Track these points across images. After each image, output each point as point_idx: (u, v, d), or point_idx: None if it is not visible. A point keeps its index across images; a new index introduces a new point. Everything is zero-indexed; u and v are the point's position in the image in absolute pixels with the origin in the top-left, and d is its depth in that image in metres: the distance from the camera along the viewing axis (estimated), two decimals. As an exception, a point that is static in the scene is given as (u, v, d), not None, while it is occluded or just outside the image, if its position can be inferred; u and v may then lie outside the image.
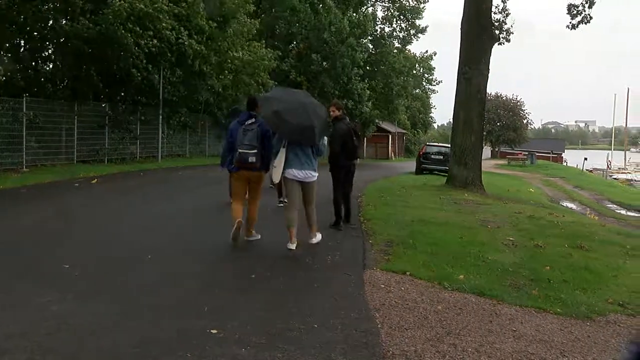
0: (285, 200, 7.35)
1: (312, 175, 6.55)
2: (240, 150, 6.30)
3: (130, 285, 4.89)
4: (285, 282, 5.25)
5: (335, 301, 4.66)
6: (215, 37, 20.51)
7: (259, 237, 6.93)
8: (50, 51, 18.54)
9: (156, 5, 16.95)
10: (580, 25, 16.91)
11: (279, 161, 6.43)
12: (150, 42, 16.96)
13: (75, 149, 16.93)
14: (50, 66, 18.80)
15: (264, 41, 26.16)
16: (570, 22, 17.01)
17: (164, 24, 17.23)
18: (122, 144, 19.06)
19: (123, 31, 16.11)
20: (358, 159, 8.44)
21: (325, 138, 7.43)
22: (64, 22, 16.92)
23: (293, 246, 6.45)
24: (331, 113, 7.64)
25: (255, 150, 6.29)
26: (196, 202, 10.76)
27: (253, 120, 6.39)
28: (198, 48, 19.04)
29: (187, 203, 10.61)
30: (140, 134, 19.80)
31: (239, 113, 7.66)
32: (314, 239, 6.81)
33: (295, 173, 6.45)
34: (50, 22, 16.97)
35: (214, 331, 3.79)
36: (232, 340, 3.65)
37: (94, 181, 12.96)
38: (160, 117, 20.27)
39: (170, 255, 6.12)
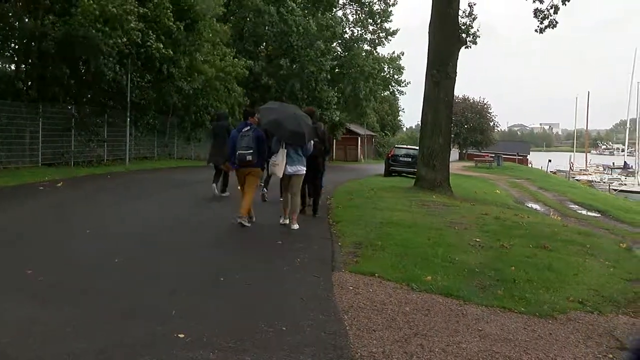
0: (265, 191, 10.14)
1: (301, 169, 8.28)
2: (239, 152, 7.97)
3: (95, 289, 4.81)
4: (254, 284, 5.24)
5: (304, 303, 4.67)
6: (183, 41, 20.31)
7: (248, 224, 8.15)
8: (11, 52, 18.06)
9: (125, 7, 16.69)
10: (546, 30, 17.40)
11: (282, 159, 8.02)
12: (120, 41, 16.68)
13: (40, 151, 16.51)
14: (13, 67, 18.32)
15: (234, 49, 26.07)
16: (539, 27, 17.42)
17: (132, 25, 16.99)
18: (89, 147, 18.68)
19: (94, 31, 15.83)
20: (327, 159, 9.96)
21: (312, 142, 8.48)
22: (27, 21, 16.53)
23: (286, 221, 8.28)
24: None
25: (251, 151, 7.93)
26: (164, 205, 10.66)
27: (248, 127, 8.05)
28: (166, 52, 18.85)
29: (154, 205, 10.49)
30: (108, 136, 19.45)
31: (222, 116, 11.10)
32: (293, 226, 8.19)
33: (288, 169, 8.12)
34: (13, 21, 16.56)
35: (181, 335, 3.76)
36: (199, 344, 3.63)
37: (59, 184, 12.67)
38: (128, 119, 19.96)
39: (138, 258, 6.05)
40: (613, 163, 57.78)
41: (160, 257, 6.24)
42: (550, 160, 54.38)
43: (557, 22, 17.23)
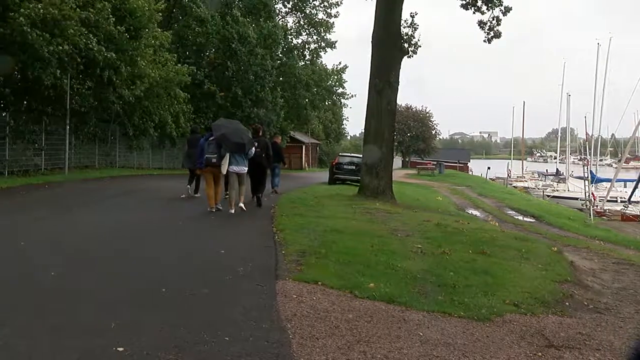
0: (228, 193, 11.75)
1: (244, 169, 11.06)
2: (207, 155, 10.74)
3: (27, 305, 4.61)
4: (197, 294, 5.16)
5: (247, 313, 4.64)
6: (125, 47, 19.83)
7: (221, 208, 10.94)
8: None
9: (64, 12, 16.13)
10: (492, 40, 18.07)
11: (225, 161, 10.67)
12: (60, 48, 16.09)
13: (-29, 161, 15.69)
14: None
15: (175, 55, 25.72)
16: (486, 37, 18.03)
17: (71, 31, 16.43)
18: (25, 156, 17.88)
19: (35, 35, 15.19)
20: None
21: (253, 149, 11.24)
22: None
23: (232, 211, 10.69)
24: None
25: (216, 155, 10.66)
26: (104, 214, 10.36)
27: (213, 137, 10.74)
28: (108, 55, 18.33)
29: (94, 215, 10.17)
30: (46, 145, 18.67)
31: (196, 130, 15.18)
32: (232, 210, 10.74)
33: (234, 168, 10.86)
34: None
35: (120, 349, 3.66)
36: (139, 358, 3.55)
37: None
38: (68, 127, 19.24)
39: (76, 271, 5.85)
40: (546, 170, 60.33)
41: (100, 268, 6.05)
42: (489, 168, 56.31)
43: (500, 33, 17.91)
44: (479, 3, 17.57)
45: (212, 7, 30.00)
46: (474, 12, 17.79)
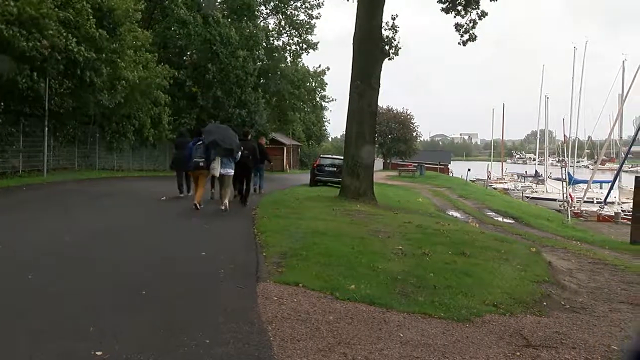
0: (213, 191, 13.44)
1: (231, 171, 11.70)
2: (195, 159, 11.53)
3: (6, 307, 4.53)
4: (177, 296, 5.14)
5: (228, 315, 4.63)
6: (105, 47, 19.61)
7: (203, 206, 11.57)
8: None
9: (43, 11, 15.88)
10: (467, 43, 18.36)
11: (217, 165, 11.41)
12: (39, 43, 15.82)
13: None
14: None
15: (156, 54, 25.53)
16: (461, 40, 18.30)
17: (50, 31, 16.18)
18: (3, 157, 17.55)
19: (11, 32, 14.92)
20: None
21: (240, 153, 11.86)
22: None
23: (222, 207, 11.38)
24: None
25: (203, 159, 11.44)
26: (83, 217, 10.23)
27: (200, 142, 11.58)
28: (89, 55, 18.11)
29: (73, 217, 10.04)
30: (24, 146, 18.33)
31: (185, 134, 15.36)
32: (222, 207, 11.40)
33: (222, 171, 11.51)
34: None
35: (99, 353, 3.62)
36: (119, 362, 3.51)
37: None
38: (47, 129, 18.94)
39: (54, 274, 5.77)
40: (525, 171, 61.09)
41: (79, 271, 5.98)
42: (469, 169, 56.67)
43: (476, 36, 18.21)
44: (459, 7, 17.82)
45: (208, 8, 29.88)
46: (454, 16, 18.04)
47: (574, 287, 6.67)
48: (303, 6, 36.64)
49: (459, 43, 18.43)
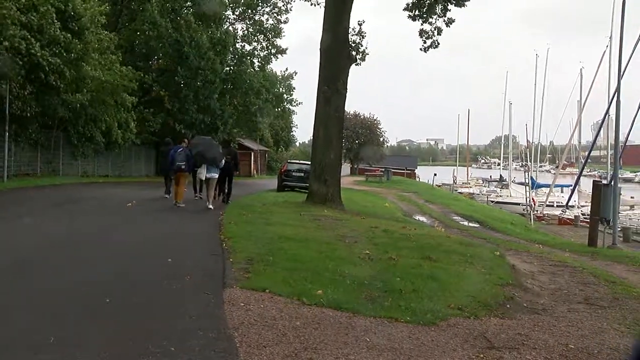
0: (200, 196, 15.58)
1: (215, 175, 13.69)
2: (177, 163, 13.29)
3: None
4: (142, 304, 5.06)
5: (194, 322, 4.58)
6: (70, 48, 19.21)
7: (184, 205, 13.42)
8: None
9: (3, 12, 15.46)
10: (429, 49, 18.67)
11: (203, 170, 13.49)
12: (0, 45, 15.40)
13: None
14: None
15: (120, 54, 25.13)
16: (424, 46, 18.59)
17: (10, 32, 15.76)
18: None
19: None
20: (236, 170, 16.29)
21: (223, 160, 13.99)
22: None
23: (210, 206, 13.40)
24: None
25: (185, 162, 13.29)
26: (45, 224, 9.98)
27: (181, 149, 13.66)
28: (52, 61, 17.69)
29: (34, 224, 9.77)
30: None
31: (170, 142, 16.10)
32: (209, 206, 13.39)
33: (207, 175, 13.50)
34: None
35: (60, 364, 3.53)
36: (80, 373, 3.43)
37: None
38: (7, 133, 18.41)
39: (12, 282, 5.60)
40: (490, 176, 62.30)
41: (39, 278, 5.82)
42: (435, 174, 57.62)
43: (439, 43, 18.53)
44: (425, 15, 18.11)
45: (211, 8, 29.57)
46: (422, 24, 18.31)
47: (536, 289, 6.81)
48: (272, 12, 36.61)
49: (421, 49, 18.76)
